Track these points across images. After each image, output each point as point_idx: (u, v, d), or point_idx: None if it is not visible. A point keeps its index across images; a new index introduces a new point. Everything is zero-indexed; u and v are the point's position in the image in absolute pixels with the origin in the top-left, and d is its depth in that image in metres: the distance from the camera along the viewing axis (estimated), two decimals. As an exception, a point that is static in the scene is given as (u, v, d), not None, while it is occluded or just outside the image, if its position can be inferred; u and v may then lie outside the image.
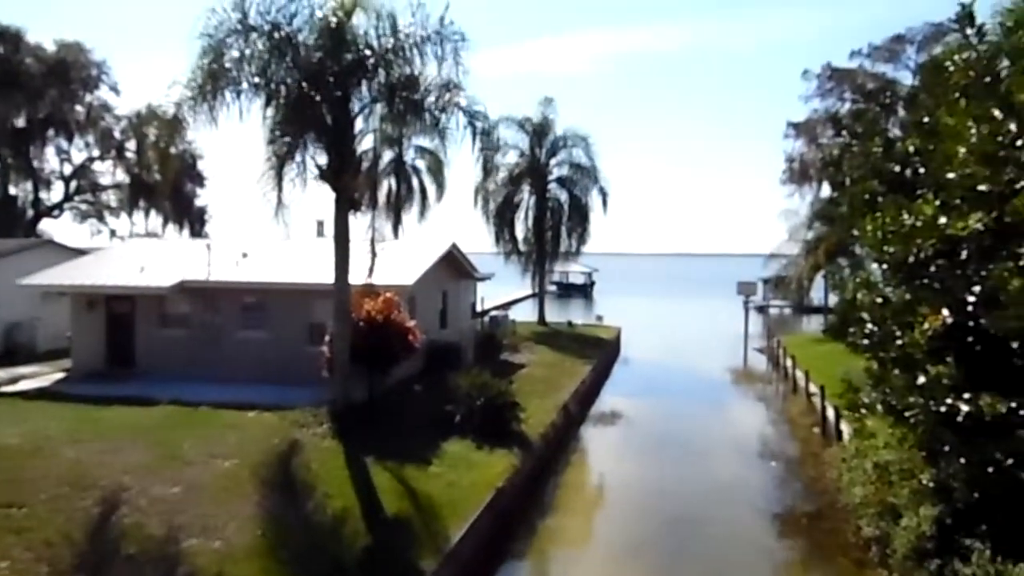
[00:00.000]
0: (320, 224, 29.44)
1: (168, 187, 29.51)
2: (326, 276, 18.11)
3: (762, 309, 60.31)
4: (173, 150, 21.93)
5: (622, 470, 19.68)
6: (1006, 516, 9.59)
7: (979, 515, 10.44)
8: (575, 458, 21.08)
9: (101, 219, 52.30)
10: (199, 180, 53.61)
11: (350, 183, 17.75)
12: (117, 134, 50.12)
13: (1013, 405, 7.94)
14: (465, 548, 12.47)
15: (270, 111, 16.70)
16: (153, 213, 51.91)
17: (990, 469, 8.94)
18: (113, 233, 51.71)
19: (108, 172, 51.58)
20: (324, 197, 17.69)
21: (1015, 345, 8.64)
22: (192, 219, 53.17)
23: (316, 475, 13.70)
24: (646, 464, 20.29)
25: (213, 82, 15.97)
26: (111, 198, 52.40)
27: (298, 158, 16.95)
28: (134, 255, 25.93)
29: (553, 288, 71.03)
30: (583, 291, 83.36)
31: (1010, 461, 8.48)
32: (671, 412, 26.80)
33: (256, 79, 16.22)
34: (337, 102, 16.74)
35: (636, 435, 23.76)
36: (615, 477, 19.05)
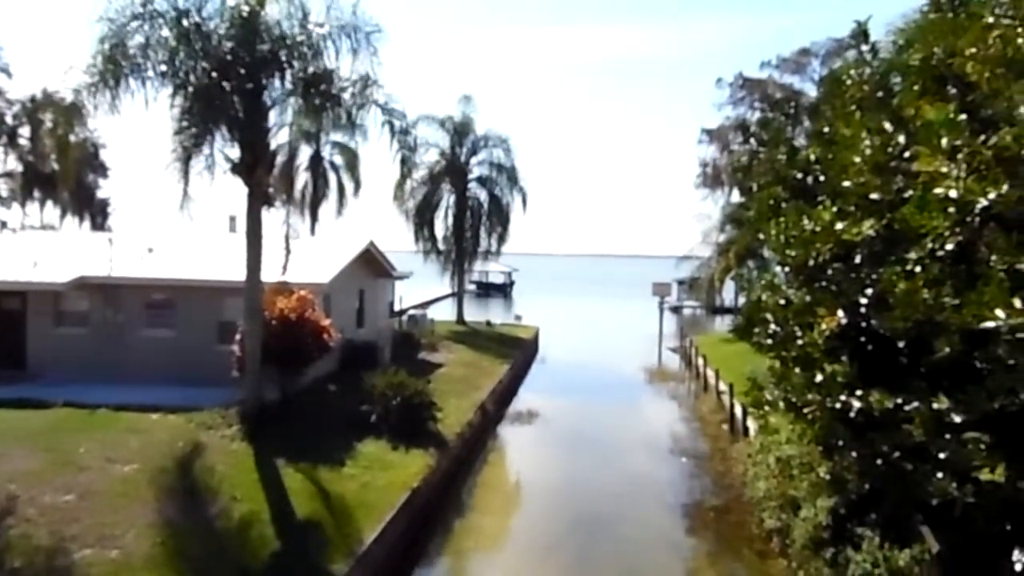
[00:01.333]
0: (232, 219, 28.51)
1: (68, 177, 27.91)
2: (238, 273, 17.52)
3: (676, 309, 62.07)
4: (73, 138, 20.72)
5: (538, 469, 19.87)
6: (893, 505, 10.20)
7: (869, 505, 11.08)
8: (492, 457, 21.15)
9: (-10, 209, 49.03)
10: (101, 170, 51.01)
11: (263, 178, 17.25)
12: (9, 119, 47.09)
13: (899, 401, 8.44)
14: (378, 550, 12.33)
15: (178, 100, 16.03)
16: (50, 204, 49.06)
17: (879, 461, 9.48)
18: (3, 225, 48.51)
19: (-1, 160, 48.42)
20: (237, 192, 17.12)
21: (901, 344, 9.20)
22: (93, 211, 50.55)
23: (223, 479, 13.23)
24: (561, 462, 20.56)
25: (115, 68, 15.20)
26: (1, 187, 49.17)
27: (208, 150, 16.33)
28: (27, 248, 24.41)
29: (472, 287, 71.00)
30: (502, 291, 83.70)
31: (896, 454, 9.01)
32: (587, 411, 27.23)
33: (163, 67, 15.54)
34: (249, 94, 16.22)
35: (552, 434, 24.04)
36: (531, 476, 19.22)
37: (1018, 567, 7.71)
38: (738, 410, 21.23)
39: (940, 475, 7.94)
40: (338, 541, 11.84)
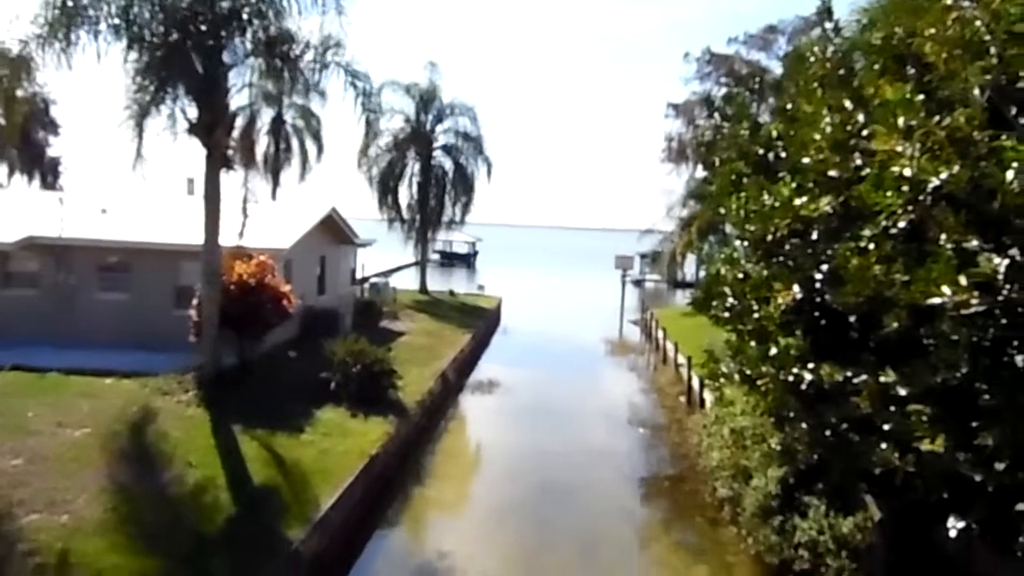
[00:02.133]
0: (190, 182, 27.86)
1: (15, 133, 26.86)
2: (195, 237, 17.18)
3: (638, 283, 62.69)
4: (20, 93, 19.92)
5: (498, 437, 20.05)
6: (839, 474, 10.55)
7: (817, 475, 11.43)
8: (452, 425, 21.27)
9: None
10: (52, 127, 49.25)
11: (222, 139, 16.84)
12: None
13: (848, 374, 8.67)
14: (336, 516, 12.36)
15: (132, 56, 15.51)
16: (-3, 162, 47.22)
17: (827, 433, 9.77)
18: (-52, 182, 46.73)
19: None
20: (195, 153, 16.69)
21: (853, 319, 9.43)
22: (44, 170, 48.81)
23: (178, 445, 13.10)
24: (521, 431, 20.77)
25: (66, 20, 14.62)
26: (-55, 143, 47.20)
27: (164, 109, 15.89)
28: (-27, 207, 23.58)
29: (436, 257, 70.75)
30: (466, 260, 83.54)
31: (844, 425, 9.29)
32: (547, 381, 27.49)
33: (116, 20, 14.99)
34: (208, 52, 15.76)
35: (512, 403, 24.23)
36: (491, 444, 19.39)
37: (952, 532, 8.05)
38: (695, 382, 21.61)
39: (884, 446, 8.21)
40: (295, 507, 11.84)
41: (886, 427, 8.16)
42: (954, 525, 8.03)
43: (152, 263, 20.97)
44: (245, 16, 15.73)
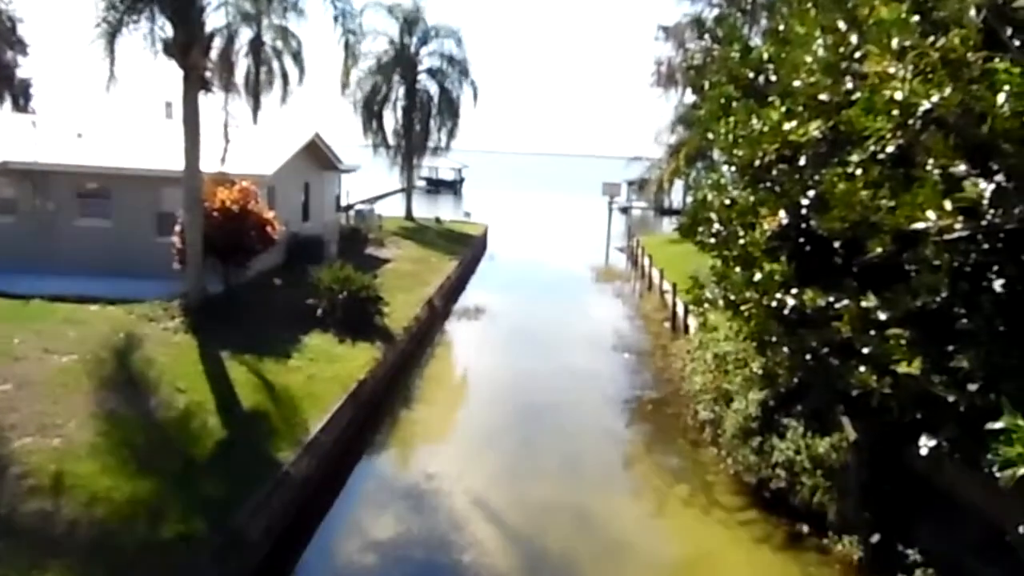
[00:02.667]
0: (168, 105, 27.10)
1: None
2: (176, 162, 16.82)
3: (625, 210, 62.47)
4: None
5: (484, 362, 20.31)
6: (817, 397, 10.81)
7: (796, 397, 11.72)
8: (439, 351, 21.49)
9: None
10: (20, 47, 47.40)
11: (199, 60, 16.29)
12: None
13: (831, 299, 8.79)
14: (325, 439, 12.59)
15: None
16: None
17: (808, 356, 9.97)
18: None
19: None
20: (172, 76, 16.18)
21: (837, 245, 9.49)
22: (14, 92, 47.24)
23: (167, 370, 13.15)
24: (507, 356, 21.03)
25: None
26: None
27: (137, 26, 15.31)
28: (-57, 131, 22.90)
29: (422, 183, 69.98)
30: (452, 187, 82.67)
31: (825, 349, 9.47)
32: (533, 307, 27.67)
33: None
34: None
35: (499, 329, 24.46)
36: (477, 369, 19.65)
37: (923, 451, 8.32)
38: (680, 308, 21.82)
39: (862, 369, 8.39)
40: (284, 430, 12.02)
41: (865, 351, 8.33)
42: (925, 444, 8.30)
43: (132, 189, 20.58)
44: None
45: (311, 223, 26.22)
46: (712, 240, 12.26)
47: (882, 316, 7.96)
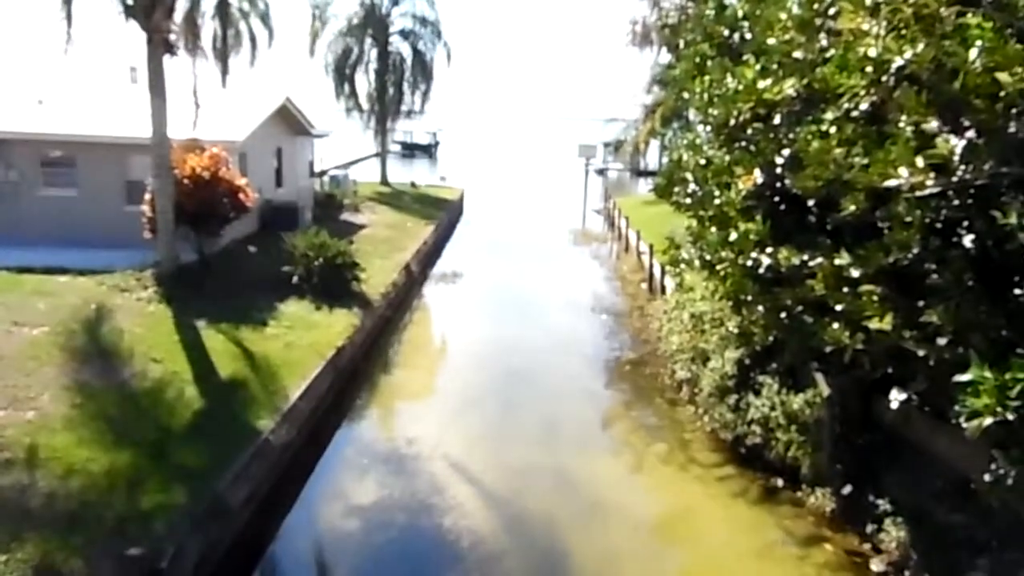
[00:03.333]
0: (133, 70, 26.35)
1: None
2: (143, 129, 16.43)
3: (602, 172, 62.33)
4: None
5: (462, 327, 20.33)
6: (792, 354, 10.97)
7: (771, 355, 11.88)
8: (417, 316, 21.48)
9: None
10: (-23, 11, 45.73)
11: (163, 22, 15.82)
12: None
13: (805, 258, 8.85)
14: (304, 406, 12.58)
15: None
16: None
17: (783, 315, 10.07)
18: None
19: None
20: (136, 38, 15.69)
21: (811, 203, 9.54)
22: (-28, 58, 45.67)
23: (141, 341, 13.01)
24: (485, 320, 21.07)
25: None
26: None
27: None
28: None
29: (397, 148, 69.17)
30: (427, 151, 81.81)
31: (799, 307, 9.57)
32: (511, 271, 27.66)
33: None
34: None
35: (476, 293, 24.46)
36: (455, 334, 19.68)
37: (894, 405, 8.50)
38: (657, 270, 21.93)
39: (836, 325, 8.50)
40: (263, 398, 11.99)
41: (839, 308, 8.43)
42: (896, 398, 8.48)
43: (99, 157, 20.08)
44: None
45: (284, 189, 25.87)
46: (688, 200, 12.28)
47: (855, 273, 8.04)
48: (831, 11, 8.75)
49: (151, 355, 12.52)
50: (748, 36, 11.41)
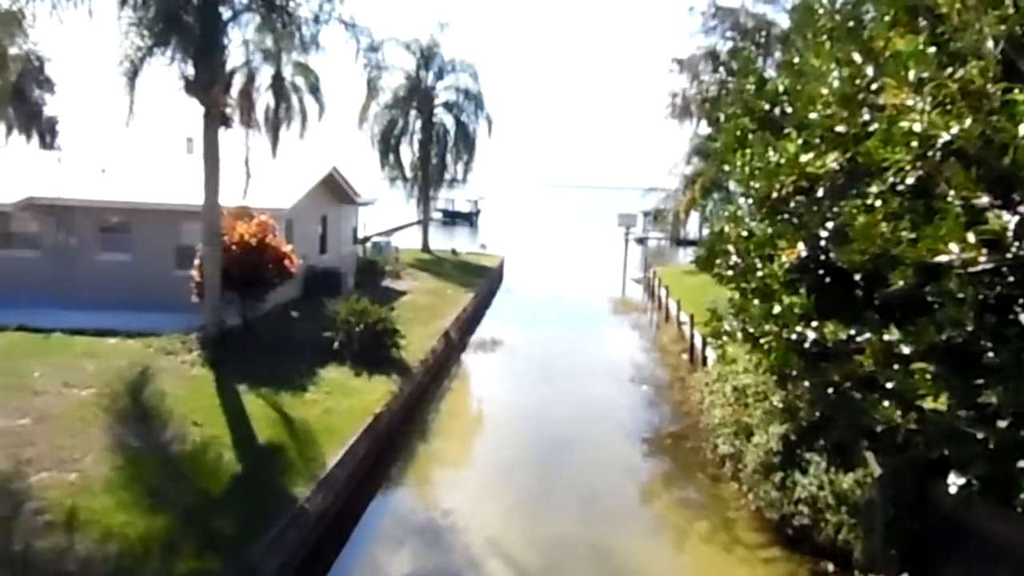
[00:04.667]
0: (189, 141, 27.57)
1: (8, 91, 26.52)
2: (195, 197, 17.05)
3: (641, 241, 62.43)
4: (13, 50, 19.65)
5: (501, 395, 20.17)
6: (840, 432, 10.58)
7: (818, 432, 11.48)
8: (455, 384, 21.39)
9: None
10: (47, 86, 48.58)
11: (220, 97, 16.64)
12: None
13: (852, 332, 8.63)
14: (341, 474, 12.49)
15: (126, 11, 15.19)
16: (-6, 121, 46.72)
17: (830, 390, 9.77)
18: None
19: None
20: (194, 113, 16.48)
21: (858, 277, 9.35)
22: (41, 129, 48.28)
23: (183, 404, 13.18)
24: (524, 389, 20.88)
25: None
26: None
27: (160, 65, 15.65)
28: (-29, 167, 23.41)
29: (438, 215, 70.48)
30: (468, 219, 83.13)
31: (847, 383, 9.29)
32: (550, 339, 27.55)
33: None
34: (204, 8, 15.43)
35: (515, 361, 24.34)
36: (494, 402, 19.51)
37: (952, 489, 8.09)
38: (698, 340, 21.61)
39: (886, 403, 8.20)
40: (300, 465, 11.95)
41: (889, 385, 8.15)
42: (954, 482, 8.07)
43: (153, 223, 20.87)
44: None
45: (328, 255, 26.41)
46: (730, 272, 12.14)
47: (906, 350, 7.80)
48: (873, 86, 8.76)
49: (192, 418, 12.65)
50: (789, 110, 11.45)
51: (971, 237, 6.51)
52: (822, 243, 9.71)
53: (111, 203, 21.02)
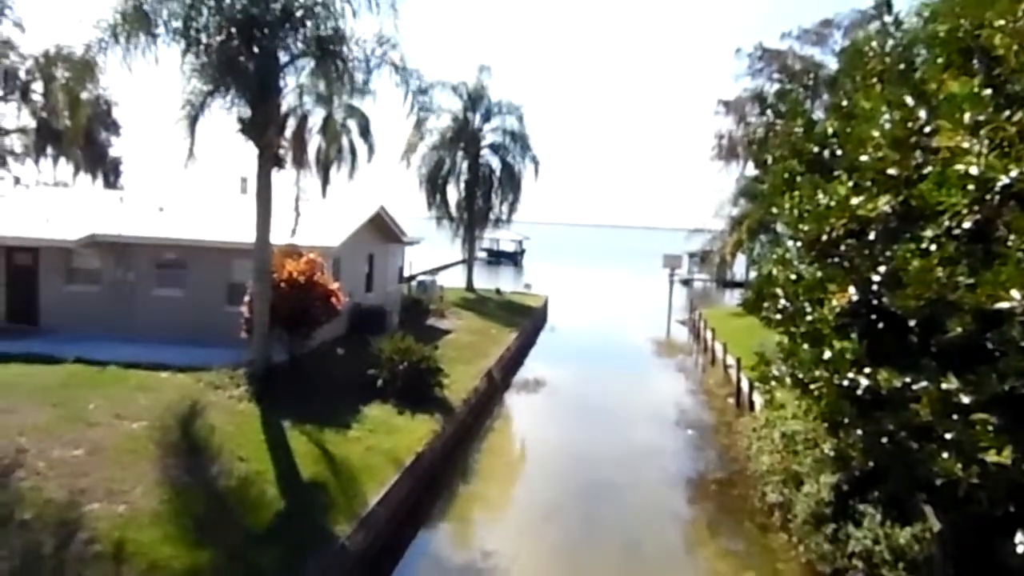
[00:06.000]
0: (244, 180, 28.42)
1: (78, 134, 27.78)
2: (248, 235, 17.50)
3: (687, 282, 61.84)
4: (85, 95, 20.61)
5: (543, 436, 19.97)
6: (896, 483, 10.17)
7: (873, 483, 11.05)
8: (498, 424, 21.26)
9: (3, 165, 49.00)
10: (114, 128, 50.88)
11: (274, 139, 17.13)
12: (22, 74, 46.79)
13: (907, 380, 8.36)
14: (382, 512, 12.45)
15: (189, 58, 15.87)
16: (62, 161, 49.00)
17: (884, 440, 9.43)
18: (17, 180, 48.54)
19: (12, 115, 48.18)
20: (248, 153, 17.02)
21: (912, 323, 9.09)
22: (106, 169, 50.46)
23: (230, 438, 13.35)
24: (567, 430, 20.64)
25: (128, 25, 15.04)
26: (15, 143, 49.07)
27: (219, 108, 16.25)
28: (40, 204, 24.46)
29: (483, 255, 70.99)
30: (513, 259, 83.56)
31: (902, 433, 8.96)
32: (594, 380, 27.28)
33: (176, 23, 15.36)
34: (261, 53, 16.02)
35: (558, 402, 24.12)
36: (536, 443, 19.32)
37: (1020, 548, 7.67)
38: (745, 384, 21.20)
39: (945, 455, 7.88)
40: (342, 503, 11.96)
41: (948, 436, 7.84)
42: (1022, 541, 7.66)
43: (206, 260, 21.45)
44: (298, 15, 15.95)
45: (374, 294, 26.74)
46: (778, 316, 11.93)
47: (965, 400, 7.51)
48: (926, 129, 8.62)
49: (238, 453, 12.80)
50: (839, 153, 11.34)
51: (1033, 283, 6.29)
52: (874, 287, 9.50)
53: (167, 240, 21.70)
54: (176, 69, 15.90)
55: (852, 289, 9.90)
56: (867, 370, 9.06)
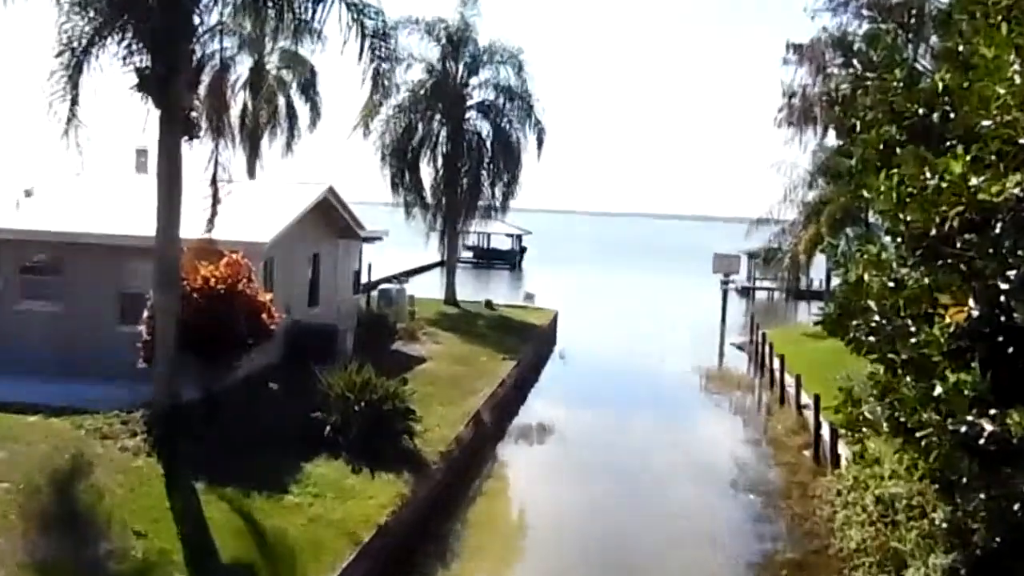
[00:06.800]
0: (140, 154, 28.54)
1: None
2: (147, 227, 17.53)
3: (746, 292, 62.19)
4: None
5: (551, 504, 20.01)
6: (1032, 566, 10.23)
7: (1000, 564, 11.10)
8: (489, 486, 21.32)
9: None
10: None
11: (183, 97, 17.18)
12: None
13: (1048, 425, 8.43)
14: (330, 608, 12.47)
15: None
16: None
17: (1016, 506, 9.49)
18: None
19: None
20: (149, 117, 17.03)
21: (1055, 347, 9.17)
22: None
23: (123, 506, 13.39)
24: (584, 496, 20.67)
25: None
26: None
27: (110, 58, 16.33)
28: None
29: (469, 255, 71.24)
30: (509, 260, 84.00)
31: (1041, 497, 9.03)
32: (620, 427, 27.39)
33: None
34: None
35: (572, 457, 24.20)
36: (542, 512, 19.38)
37: None
38: (825, 431, 21.33)
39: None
40: (276, 594, 11.98)
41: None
42: None
43: (90, 262, 21.43)
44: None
45: (321, 308, 26.80)
46: (871, 337, 12.00)
47: None
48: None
49: (133, 526, 12.83)
50: (952, 116, 11.45)
51: None
52: (1002, 298, 9.57)
53: (36, 234, 21.67)
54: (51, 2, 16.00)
55: (972, 301, 9.97)
56: (992, 411, 9.12)
